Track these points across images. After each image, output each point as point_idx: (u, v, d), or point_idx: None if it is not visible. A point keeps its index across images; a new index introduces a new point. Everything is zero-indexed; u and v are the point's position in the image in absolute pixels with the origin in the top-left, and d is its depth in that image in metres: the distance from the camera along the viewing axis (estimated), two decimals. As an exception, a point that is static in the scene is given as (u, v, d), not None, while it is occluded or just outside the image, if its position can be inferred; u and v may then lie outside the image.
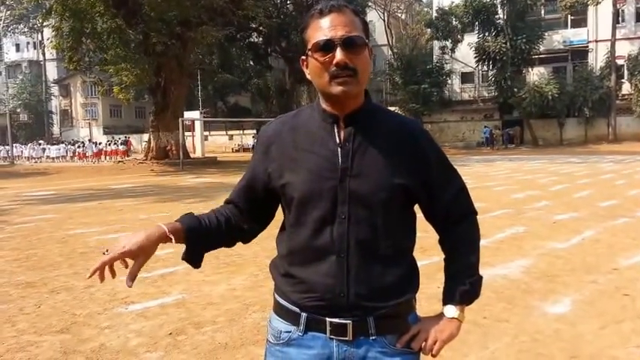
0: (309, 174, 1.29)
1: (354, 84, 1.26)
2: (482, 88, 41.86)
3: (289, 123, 1.38)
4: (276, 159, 1.34)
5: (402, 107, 39.71)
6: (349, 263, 1.27)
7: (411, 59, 40.80)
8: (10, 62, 54.14)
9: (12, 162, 35.45)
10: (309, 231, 1.29)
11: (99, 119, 53.63)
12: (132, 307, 4.38)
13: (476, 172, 17.91)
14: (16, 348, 3.55)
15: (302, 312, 1.31)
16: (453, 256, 1.42)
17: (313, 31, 1.28)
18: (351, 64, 1.24)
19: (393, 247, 1.31)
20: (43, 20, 25.12)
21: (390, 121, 1.37)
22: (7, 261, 6.18)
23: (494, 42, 35.80)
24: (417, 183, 1.33)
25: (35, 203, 12.15)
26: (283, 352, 1.34)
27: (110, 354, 3.43)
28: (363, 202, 1.27)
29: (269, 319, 1.43)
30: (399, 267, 1.33)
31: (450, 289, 1.39)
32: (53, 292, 4.87)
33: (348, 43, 1.24)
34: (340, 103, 1.30)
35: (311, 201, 1.28)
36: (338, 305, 1.28)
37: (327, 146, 1.30)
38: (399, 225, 1.33)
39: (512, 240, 6.73)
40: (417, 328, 1.35)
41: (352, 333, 1.28)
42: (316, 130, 1.33)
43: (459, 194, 1.42)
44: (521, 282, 4.88)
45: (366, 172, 1.28)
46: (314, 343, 1.31)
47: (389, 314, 1.30)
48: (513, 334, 3.62)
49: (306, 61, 1.32)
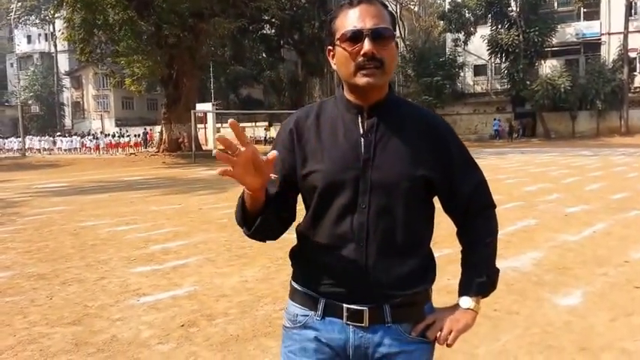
0: (332, 164, 1.30)
1: (380, 75, 1.27)
2: (494, 80, 41.48)
3: (313, 113, 1.39)
4: (300, 147, 1.35)
5: (415, 100, 39.49)
6: (368, 252, 1.29)
7: (423, 52, 40.53)
8: (22, 54, 54.53)
9: (23, 154, 35.77)
10: (330, 220, 1.31)
11: (111, 111, 53.93)
12: (144, 299, 4.41)
13: (488, 164, 17.78)
14: (27, 340, 3.58)
15: (320, 297, 1.34)
16: (470, 248, 1.44)
17: (342, 21, 1.29)
18: (378, 55, 1.25)
19: (411, 238, 1.33)
20: (55, 12, 25.23)
21: (413, 113, 1.38)
22: (18, 253, 6.25)
23: (507, 34, 35.42)
24: (438, 175, 1.34)
25: (47, 195, 12.27)
26: (300, 334, 1.37)
27: (122, 346, 3.45)
28: (384, 193, 1.29)
29: (286, 307, 1.45)
30: (417, 257, 1.35)
31: (467, 281, 1.40)
32: (65, 283, 4.92)
33: (376, 34, 1.25)
34: (365, 94, 1.31)
35: (333, 190, 1.30)
36: (356, 292, 1.30)
37: (350, 136, 1.32)
38: (418, 216, 1.35)
39: (523, 232, 6.69)
40: (433, 317, 1.36)
41: (368, 319, 1.30)
42: (340, 121, 1.35)
43: (479, 187, 1.42)
44: (532, 274, 4.85)
45: (388, 162, 1.29)
46: (331, 327, 1.33)
47: (405, 302, 1.32)
48: (524, 326, 3.61)
49: (332, 51, 1.34)
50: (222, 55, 35.40)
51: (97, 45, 25.10)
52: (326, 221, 1.32)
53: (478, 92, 42.12)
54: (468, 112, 41.39)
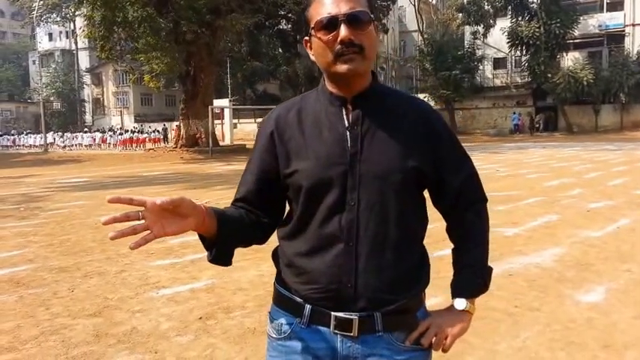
0: (317, 160, 1.23)
1: (360, 61, 1.19)
2: (514, 74, 40.92)
3: (294, 108, 1.31)
4: (283, 146, 1.27)
5: (433, 94, 39.17)
6: (358, 252, 1.21)
7: (441, 45, 40.09)
8: (44, 51, 55.23)
9: (45, 149, 36.36)
10: (317, 219, 1.23)
11: (130, 107, 54.49)
12: (163, 291, 4.45)
13: (508, 159, 17.59)
14: (50, 330, 3.65)
15: (306, 303, 1.25)
16: (462, 246, 1.36)
17: (316, 8, 1.22)
18: (356, 41, 1.18)
19: (404, 235, 1.25)
20: (76, 9, 25.52)
21: (400, 101, 1.31)
22: (41, 246, 6.36)
23: (527, 26, 34.85)
24: (428, 165, 1.26)
25: (68, 190, 12.47)
26: (286, 346, 1.28)
27: (141, 337, 3.49)
28: (374, 187, 1.21)
29: (269, 311, 1.36)
30: (411, 256, 1.27)
31: (460, 282, 1.33)
32: (86, 276, 4.99)
33: (352, 19, 1.18)
34: (346, 84, 1.24)
35: (320, 188, 1.22)
36: (344, 297, 1.21)
37: (335, 130, 1.24)
38: (410, 211, 1.27)
39: (545, 228, 6.59)
40: (427, 323, 1.28)
41: (357, 329, 1.21)
42: (323, 114, 1.27)
43: (470, 179, 1.35)
44: (554, 270, 4.77)
45: (377, 155, 1.22)
46: (317, 336, 1.25)
47: (397, 310, 1.23)
48: (545, 323, 3.55)
49: (309, 42, 1.26)
50: (239, 51, 35.52)
51: (117, 42, 25.30)
52: (313, 221, 1.24)
53: (498, 86, 41.60)
54: (487, 106, 40.91)
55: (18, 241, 6.69)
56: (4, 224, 7.92)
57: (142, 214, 1.07)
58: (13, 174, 18.21)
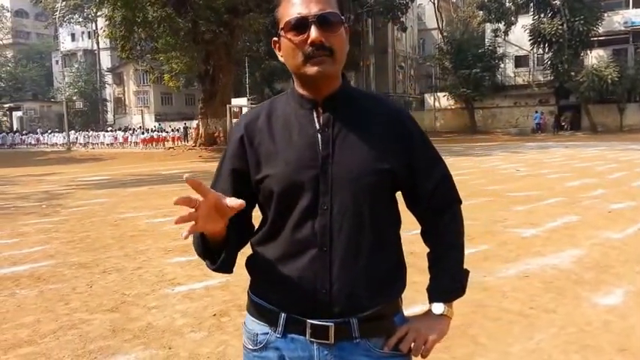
0: (287, 165, 1.20)
1: (330, 64, 1.17)
2: (537, 72, 40.29)
3: (263, 113, 1.28)
4: (253, 152, 1.25)
5: (452, 92, 38.87)
6: (332, 257, 1.18)
7: (461, 43, 39.70)
8: (66, 51, 56.00)
9: (68, 148, 36.99)
10: (290, 225, 1.21)
11: (150, 106, 55.11)
12: (178, 288, 4.50)
13: (529, 158, 17.37)
14: (68, 325, 3.72)
15: (280, 312, 1.22)
16: (437, 250, 1.34)
17: (285, 9, 1.19)
18: (327, 44, 1.15)
19: (378, 239, 1.22)
20: (97, 10, 25.88)
21: (371, 103, 1.29)
22: (62, 243, 6.48)
23: (550, 24, 34.32)
24: (401, 167, 1.24)
25: (89, 188, 12.68)
26: (262, 357, 1.26)
27: (156, 333, 3.54)
28: (347, 191, 1.19)
29: (244, 322, 1.33)
30: (386, 260, 1.25)
31: (437, 286, 1.31)
32: (105, 272, 5.07)
33: (322, 21, 1.15)
34: (316, 86, 1.21)
35: (291, 193, 1.19)
36: (319, 303, 1.18)
37: (306, 133, 1.22)
38: (384, 214, 1.25)
39: (564, 229, 6.49)
40: (405, 328, 1.26)
41: (334, 336, 1.19)
42: (294, 118, 1.24)
43: (443, 181, 1.33)
44: (571, 272, 4.70)
45: (349, 157, 1.20)
46: (293, 345, 1.22)
47: (374, 316, 1.21)
48: (560, 325, 3.50)
49: (278, 43, 1.23)
50: (257, 50, 35.64)
51: (137, 42, 25.62)
52: (286, 227, 1.21)
53: (519, 84, 41.02)
54: (508, 104, 40.41)
55: (40, 237, 6.83)
56: (26, 221, 8.09)
57: (198, 203, 1.07)
58: (37, 172, 18.61)
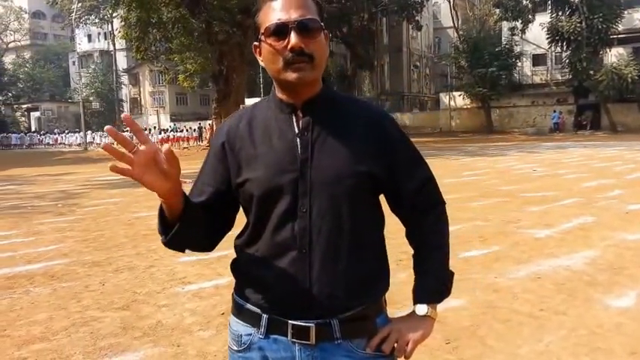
0: (267, 168, 1.22)
1: (310, 70, 1.18)
2: (555, 70, 39.79)
3: (245, 117, 1.30)
4: (234, 156, 1.27)
5: (468, 92, 38.53)
6: (312, 259, 1.20)
7: (478, 41, 39.31)
8: (83, 52, 56.71)
9: (85, 148, 37.44)
10: (270, 227, 1.23)
11: (166, 107, 55.56)
12: (188, 287, 4.54)
13: (546, 159, 17.16)
14: (80, 322, 3.78)
15: (263, 313, 1.25)
16: (422, 252, 1.35)
17: (265, 14, 1.20)
18: (306, 50, 1.17)
19: (358, 241, 1.23)
20: (113, 11, 26.14)
21: (351, 107, 1.30)
22: (76, 241, 6.58)
23: (568, 21, 33.83)
24: (382, 169, 1.25)
25: (104, 187, 12.81)
26: (246, 357, 1.28)
27: (166, 330, 3.59)
28: (326, 194, 1.20)
29: (229, 323, 1.36)
30: (366, 262, 1.26)
31: (421, 287, 1.32)
32: (117, 271, 5.13)
33: (302, 27, 1.17)
34: (296, 91, 1.23)
35: (271, 196, 1.21)
36: (300, 305, 1.20)
37: (285, 137, 1.23)
38: (364, 217, 1.26)
39: (579, 230, 6.40)
40: (388, 329, 1.27)
41: (315, 336, 1.20)
42: (273, 122, 1.26)
43: (427, 183, 1.34)
44: (584, 274, 4.64)
45: (328, 161, 1.21)
46: (276, 346, 1.24)
47: (355, 317, 1.23)
48: (571, 328, 3.46)
49: (259, 48, 1.24)
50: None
51: (152, 43, 25.88)
52: (266, 230, 1.23)
53: (537, 83, 40.54)
54: (525, 104, 39.94)
55: (55, 236, 6.94)
56: (42, 220, 8.22)
57: (136, 149, 1.07)
58: (54, 171, 18.89)
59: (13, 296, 4.44)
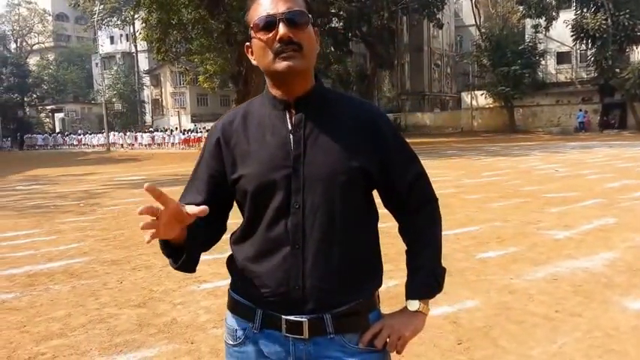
0: (260, 165, 1.24)
1: (300, 59, 1.20)
2: (580, 69, 39.13)
3: (239, 115, 1.32)
4: (229, 152, 1.29)
5: (490, 91, 38.08)
6: (305, 254, 1.22)
7: (500, 39, 38.77)
8: (105, 54, 57.51)
9: (108, 148, 38.04)
10: (264, 224, 1.25)
11: (187, 108, 55.99)
12: (204, 285, 4.60)
13: (569, 159, 16.87)
14: (97, 319, 3.86)
15: (257, 308, 1.27)
16: (414, 247, 1.36)
17: (254, 10, 1.23)
18: (295, 39, 1.19)
19: (351, 237, 1.25)
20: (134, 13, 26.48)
21: (344, 103, 1.31)
22: (96, 240, 6.70)
23: (593, 18, 33.19)
24: (374, 165, 1.26)
25: (126, 187, 13.01)
26: (241, 352, 1.30)
27: (180, 328, 3.64)
28: (319, 190, 1.22)
29: (225, 318, 1.38)
30: (359, 258, 1.27)
31: (413, 283, 1.33)
32: (135, 269, 5.22)
33: (290, 18, 1.19)
34: (287, 83, 1.24)
35: (264, 192, 1.23)
36: (293, 300, 1.22)
37: (278, 134, 1.25)
38: (357, 213, 1.27)
39: (599, 232, 6.29)
40: (380, 325, 1.28)
41: (308, 331, 1.22)
42: (267, 119, 1.28)
43: (419, 179, 1.35)
44: (602, 276, 4.56)
45: (320, 157, 1.22)
46: (270, 341, 1.26)
47: (348, 312, 1.24)
48: (585, 330, 3.41)
49: (250, 47, 1.27)
50: (289, 50, 35.89)
51: (172, 44, 26.14)
52: (260, 225, 1.25)
53: (561, 82, 39.87)
54: (549, 103, 39.29)
55: (76, 235, 7.08)
56: (64, 219, 8.39)
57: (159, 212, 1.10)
58: (77, 172, 19.25)
59: (33, 293, 4.55)
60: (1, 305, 4.27)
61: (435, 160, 17.11)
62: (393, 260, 3.35)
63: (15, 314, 4.03)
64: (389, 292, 3.37)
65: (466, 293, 4.07)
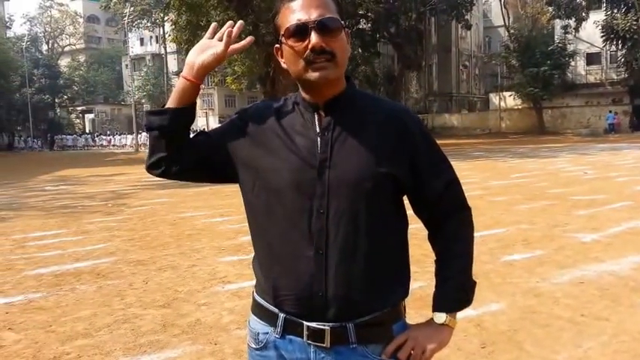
0: (285, 164, 1.21)
1: (332, 68, 1.17)
2: (610, 70, 38.25)
3: (272, 109, 1.30)
4: (252, 140, 1.27)
5: (519, 92, 37.53)
6: (328, 261, 1.18)
7: (529, 40, 38.21)
8: (135, 56, 58.47)
9: (137, 149, 38.62)
10: (287, 227, 1.21)
11: (215, 109, 56.60)
12: (228, 286, 4.63)
13: (598, 161, 16.50)
14: (122, 319, 3.91)
15: (280, 313, 1.24)
16: (444, 258, 1.31)
17: (284, 16, 1.20)
18: (327, 48, 1.16)
19: (376, 244, 1.21)
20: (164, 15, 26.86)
21: (375, 106, 1.28)
22: (123, 240, 6.81)
23: (623, 19, 32.44)
24: (404, 171, 1.22)
25: (153, 188, 13.16)
26: (263, 355, 1.29)
27: (204, 329, 3.67)
28: (344, 195, 1.18)
29: (248, 320, 1.37)
30: (384, 267, 1.23)
31: (442, 296, 1.28)
32: (160, 269, 5.29)
33: (322, 26, 1.16)
34: (318, 91, 1.22)
35: (287, 193, 1.20)
36: (315, 306, 1.19)
37: (306, 136, 1.22)
38: (384, 220, 1.22)
39: (627, 234, 6.14)
40: (404, 336, 1.24)
41: (330, 340, 1.19)
42: (297, 120, 1.25)
43: (451, 186, 1.29)
44: (630, 279, 4.46)
45: (347, 161, 1.19)
46: (292, 346, 1.24)
47: (371, 322, 1.20)
48: (612, 334, 3.34)
49: (280, 50, 1.25)
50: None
51: (201, 45, 26.41)
52: (280, 227, 1.22)
53: (591, 83, 39.06)
54: (579, 104, 38.52)
55: (103, 235, 7.21)
56: (92, 219, 8.56)
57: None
58: (106, 172, 19.64)
59: (59, 293, 4.64)
60: (28, 305, 4.35)
61: (462, 161, 16.92)
62: (418, 262, 3.32)
63: (41, 314, 4.10)
64: (413, 295, 3.32)
65: (491, 296, 4.01)
